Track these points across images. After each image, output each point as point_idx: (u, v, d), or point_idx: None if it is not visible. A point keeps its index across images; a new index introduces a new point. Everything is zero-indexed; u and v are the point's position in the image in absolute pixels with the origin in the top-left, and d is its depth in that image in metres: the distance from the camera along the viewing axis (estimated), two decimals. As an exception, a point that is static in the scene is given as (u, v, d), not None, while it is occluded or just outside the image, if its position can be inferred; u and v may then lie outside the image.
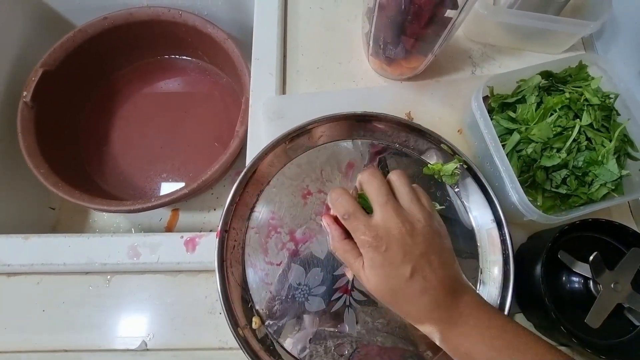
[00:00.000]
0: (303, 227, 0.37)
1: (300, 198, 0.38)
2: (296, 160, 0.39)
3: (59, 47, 0.56)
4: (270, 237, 0.36)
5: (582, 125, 0.35)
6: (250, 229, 0.37)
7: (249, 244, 0.36)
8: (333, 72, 0.44)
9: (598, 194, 0.35)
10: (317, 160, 0.39)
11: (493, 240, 0.36)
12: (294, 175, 0.38)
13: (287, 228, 0.37)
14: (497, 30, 0.44)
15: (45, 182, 0.49)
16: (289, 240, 0.36)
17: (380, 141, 0.40)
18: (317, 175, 0.38)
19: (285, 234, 0.36)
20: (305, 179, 0.38)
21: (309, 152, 0.39)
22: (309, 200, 0.38)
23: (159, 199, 0.50)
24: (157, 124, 0.66)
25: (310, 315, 0.34)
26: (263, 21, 0.45)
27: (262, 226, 0.37)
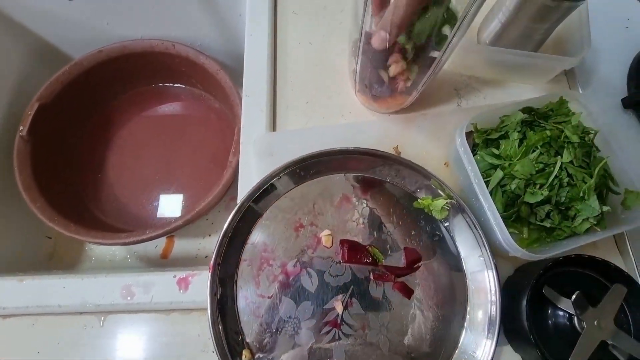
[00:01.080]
0: (294, 260, 0.37)
1: (292, 231, 0.39)
2: (290, 194, 0.40)
3: (55, 81, 0.57)
4: (262, 270, 0.37)
5: (563, 162, 0.35)
6: (242, 261, 0.37)
7: (241, 276, 0.37)
8: (322, 106, 0.45)
9: (581, 227, 0.36)
10: (310, 193, 0.40)
11: (479, 285, 0.36)
12: (287, 208, 0.39)
13: (279, 261, 0.37)
14: (480, 63, 0.45)
15: (41, 216, 0.50)
16: (280, 273, 0.37)
17: (372, 175, 0.41)
18: (309, 209, 0.39)
19: (277, 267, 0.37)
20: (298, 212, 0.39)
21: (302, 186, 0.40)
22: (301, 233, 0.38)
23: (153, 231, 0.50)
24: (152, 150, 0.67)
25: (300, 349, 0.34)
26: (253, 58, 0.46)
27: (254, 258, 0.37)
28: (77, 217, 0.53)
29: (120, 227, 0.61)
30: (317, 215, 0.39)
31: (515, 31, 0.41)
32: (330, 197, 0.40)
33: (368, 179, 0.40)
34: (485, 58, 0.43)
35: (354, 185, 0.40)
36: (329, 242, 0.38)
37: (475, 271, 0.37)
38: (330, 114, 0.45)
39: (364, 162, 0.40)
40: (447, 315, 0.36)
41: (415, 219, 0.39)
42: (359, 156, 0.40)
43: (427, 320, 0.36)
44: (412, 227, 0.39)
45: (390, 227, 0.39)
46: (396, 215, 0.39)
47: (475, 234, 0.37)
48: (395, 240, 0.39)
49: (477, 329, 0.35)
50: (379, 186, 0.40)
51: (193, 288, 0.38)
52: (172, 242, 0.63)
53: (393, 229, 0.39)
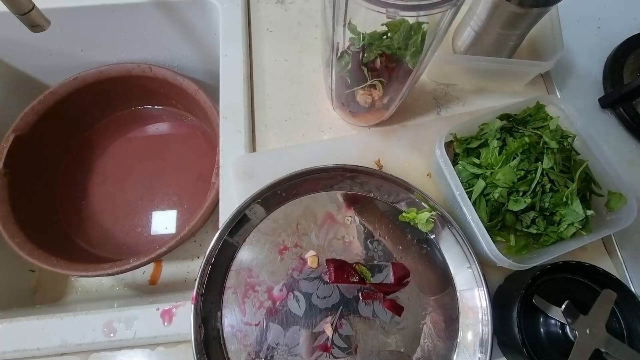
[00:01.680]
0: (280, 283, 0.36)
1: (276, 254, 0.38)
2: (272, 215, 0.39)
3: (30, 111, 0.56)
4: (247, 296, 0.36)
5: (544, 169, 0.35)
6: (227, 289, 0.36)
7: (227, 304, 0.36)
8: (301, 123, 0.45)
9: (567, 232, 0.36)
10: (293, 214, 0.39)
11: (469, 303, 0.36)
12: (270, 231, 0.38)
13: (264, 285, 0.36)
14: (457, 72, 0.45)
15: (21, 252, 0.49)
16: (266, 299, 0.36)
17: (355, 191, 0.40)
18: (293, 230, 0.39)
19: (262, 292, 0.36)
20: (282, 233, 0.38)
21: (284, 206, 0.39)
22: (286, 255, 0.38)
23: (137, 258, 0.49)
24: (135, 173, 0.65)
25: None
26: (229, 79, 0.45)
27: (239, 285, 0.36)
28: (60, 249, 0.52)
29: (105, 255, 0.60)
30: (301, 235, 0.38)
31: (488, 39, 0.41)
32: (314, 217, 0.39)
33: (351, 195, 0.40)
34: (461, 67, 0.43)
35: (337, 202, 0.39)
36: (315, 262, 0.37)
37: (464, 289, 0.36)
38: (310, 131, 0.44)
39: (346, 179, 0.40)
40: (439, 333, 0.35)
41: (401, 233, 0.39)
42: (340, 173, 0.39)
43: (418, 338, 0.35)
44: (399, 241, 0.38)
45: (377, 243, 0.38)
46: (382, 230, 0.39)
47: (463, 246, 0.37)
48: (382, 257, 0.38)
49: (469, 348, 0.35)
50: (362, 202, 0.40)
51: (177, 320, 0.36)
52: (160, 266, 0.62)
53: (379, 244, 0.38)
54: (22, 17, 0.36)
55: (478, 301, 0.35)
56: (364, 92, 0.35)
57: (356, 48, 0.36)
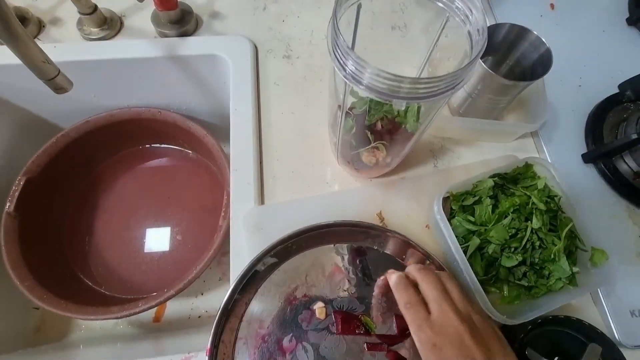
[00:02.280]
0: (290, 334, 0.38)
1: (286, 304, 0.39)
2: (283, 267, 0.41)
3: (42, 154, 0.58)
4: (258, 347, 0.38)
5: (533, 228, 0.38)
6: (239, 340, 0.38)
7: (238, 356, 0.37)
8: (307, 175, 0.47)
9: (556, 286, 0.39)
10: (302, 265, 0.41)
11: None
12: (280, 282, 0.40)
13: (274, 337, 0.38)
14: (452, 128, 0.48)
15: (30, 296, 0.50)
16: (276, 349, 0.38)
17: (360, 244, 0.42)
18: (302, 281, 0.40)
19: (272, 343, 0.38)
20: (291, 284, 0.40)
21: (294, 258, 0.41)
22: (295, 305, 0.39)
23: (145, 302, 0.51)
24: (141, 209, 0.67)
25: None
26: (239, 133, 0.48)
27: (250, 336, 0.38)
28: (67, 291, 0.53)
29: (111, 294, 0.61)
30: (309, 286, 0.40)
31: (481, 102, 0.45)
32: (322, 268, 0.41)
33: (356, 247, 0.42)
34: (457, 127, 0.46)
35: (344, 254, 0.42)
36: (323, 314, 0.39)
37: None
38: (316, 182, 0.47)
39: (351, 233, 0.42)
40: None
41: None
42: (346, 228, 0.42)
43: None
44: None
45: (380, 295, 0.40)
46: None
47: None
48: (386, 308, 0.40)
49: None
50: (367, 254, 0.42)
51: (190, 372, 0.38)
52: (164, 305, 0.63)
53: (382, 296, 0.40)
54: (48, 82, 0.39)
55: None
56: (368, 153, 0.38)
57: (359, 111, 0.39)
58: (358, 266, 0.42)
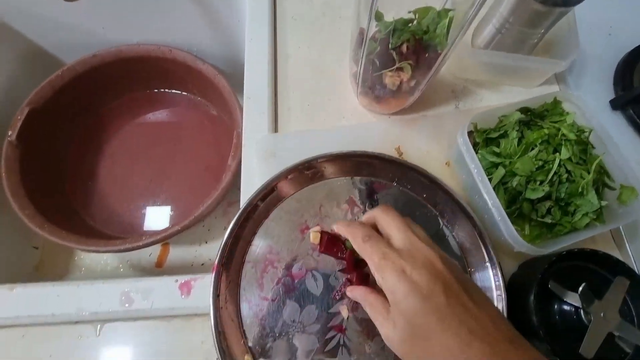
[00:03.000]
0: (300, 262, 0.37)
1: (298, 233, 0.38)
2: (296, 195, 0.39)
3: (47, 85, 0.56)
4: (266, 272, 0.36)
5: (561, 159, 0.37)
6: (247, 263, 0.37)
7: (245, 278, 0.36)
8: (323, 108, 0.45)
9: (581, 223, 0.37)
10: (317, 196, 0.39)
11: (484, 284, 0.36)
12: (293, 210, 0.39)
13: (283, 263, 0.37)
14: (476, 67, 0.46)
15: (30, 224, 0.48)
16: (285, 276, 0.36)
17: (378, 179, 0.41)
18: (315, 211, 0.39)
19: (281, 269, 0.36)
20: (304, 214, 0.39)
21: (308, 188, 0.40)
22: (307, 235, 0.38)
23: (149, 237, 0.49)
24: (145, 157, 0.65)
25: (303, 354, 0.33)
26: (254, 61, 0.46)
27: (258, 261, 0.37)
28: (67, 225, 0.51)
29: (112, 235, 0.59)
30: (323, 217, 0.39)
31: (509, 36, 0.43)
32: (337, 200, 0.39)
33: (374, 182, 0.40)
34: (482, 61, 0.44)
35: (360, 188, 0.40)
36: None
37: (479, 270, 0.37)
38: (331, 117, 0.45)
39: (371, 166, 0.40)
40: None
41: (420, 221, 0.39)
42: (365, 159, 0.40)
43: None
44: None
45: None
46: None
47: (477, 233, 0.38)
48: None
49: None
50: (385, 190, 0.40)
51: (195, 293, 0.36)
52: (167, 249, 0.61)
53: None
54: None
55: (492, 282, 0.36)
56: (392, 74, 0.36)
57: (383, 35, 0.37)
58: (375, 202, 0.40)
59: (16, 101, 0.54)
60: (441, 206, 0.39)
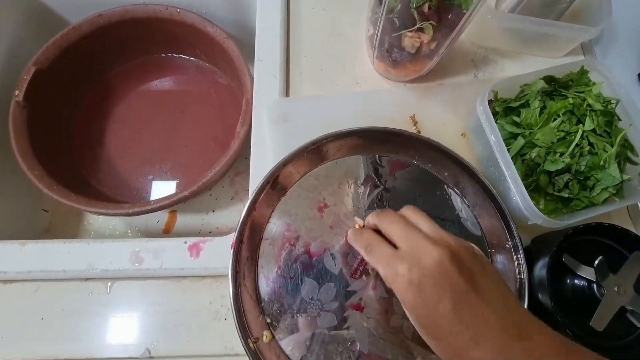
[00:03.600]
0: (318, 240, 0.36)
1: (316, 211, 0.37)
2: (314, 172, 0.38)
3: (52, 45, 0.54)
4: (284, 250, 0.35)
5: (584, 130, 0.35)
6: (264, 240, 0.36)
7: (263, 255, 0.35)
8: (336, 74, 0.44)
9: (599, 197, 0.36)
10: (335, 173, 0.38)
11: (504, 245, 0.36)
12: (311, 188, 0.37)
13: (301, 241, 0.36)
14: (498, 34, 0.44)
15: (39, 185, 0.48)
16: (303, 254, 0.35)
17: (398, 156, 0.39)
18: (334, 189, 0.38)
19: (299, 247, 0.36)
20: (322, 191, 0.37)
21: (326, 165, 0.38)
22: (325, 213, 0.37)
23: (158, 201, 0.49)
24: (153, 124, 0.64)
25: (321, 331, 0.33)
26: (266, 23, 0.44)
27: (276, 238, 0.36)
28: (76, 188, 0.51)
29: (120, 200, 0.59)
30: (342, 196, 0.38)
31: (538, 2, 0.40)
32: (355, 178, 0.38)
33: (394, 160, 0.39)
34: (506, 27, 0.42)
35: (380, 166, 0.39)
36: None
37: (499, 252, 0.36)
38: (345, 83, 0.44)
39: (391, 143, 0.39)
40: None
41: (433, 197, 0.38)
42: (386, 136, 0.39)
43: None
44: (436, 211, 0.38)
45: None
46: (422, 198, 0.38)
47: (494, 202, 0.37)
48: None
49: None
50: (405, 168, 0.39)
51: (205, 254, 0.36)
52: (175, 217, 0.62)
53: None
54: None
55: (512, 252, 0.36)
56: (412, 35, 0.34)
57: (404, -5, 0.35)
58: (395, 180, 0.39)
59: (23, 60, 0.53)
60: (462, 186, 0.38)
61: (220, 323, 0.36)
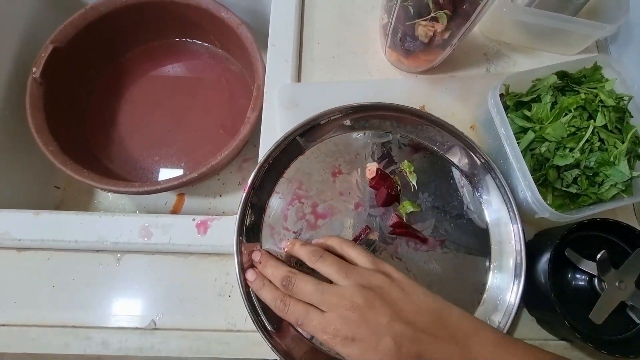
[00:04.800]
0: (326, 203, 0.37)
1: (330, 175, 0.38)
2: (335, 139, 0.39)
3: (70, 24, 0.55)
4: (292, 205, 0.37)
5: (595, 126, 0.35)
6: (275, 193, 0.37)
7: (272, 205, 0.37)
8: (348, 62, 0.44)
9: (608, 194, 0.36)
10: (356, 143, 0.39)
11: (508, 235, 0.36)
12: (330, 152, 0.39)
13: (310, 201, 0.37)
14: (512, 28, 0.44)
15: (54, 160, 0.49)
16: (310, 212, 0.37)
17: (421, 140, 0.40)
18: (351, 158, 0.39)
19: (307, 206, 0.37)
20: (339, 158, 0.38)
21: (349, 135, 0.39)
22: (338, 179, 0.38)
23: (167, 182, 0.50)
24: (164, 107, 0.65)
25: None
26: (280, 8, 0.44)
27: (287, 193, 0.37)
28: (89, 165, 0.52)
29: (128, 179, 0.60)
30: (358, 166, 0.38)
31: (554, -4, 0.40)
32: (373, 153, 0.39)
33: (416, 143, 0.40)
34: (520, 21, 0.42)
35: (401, 146, 0.39)
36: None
37: (504, 223, 0.37)
38: (357, 71, 0.44)
39: (415, 125, 0.40)
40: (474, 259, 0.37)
41: (443, 179, 0.39)
42: (413, 117, 0.39)
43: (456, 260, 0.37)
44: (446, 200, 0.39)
45: (427, 195, 0.38)
46: (435, 184, 0.39)
47: (503, 193, 0.37)
48: (428, 208, 0.38)
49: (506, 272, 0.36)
50: (424, 152, 0.40)
51: (212, 232, 0.37)
52: (182, 200, 0.63)
53: (428, 196, 0.38)
54: None
55: (512, 235, 0.37)
56: (426, 24, 0.35)
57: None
58: (413, 161, 0.39)
59: (40, 39, 0.54)
60: (478, 179, 0.39)
61: (224, 299, 0.36)
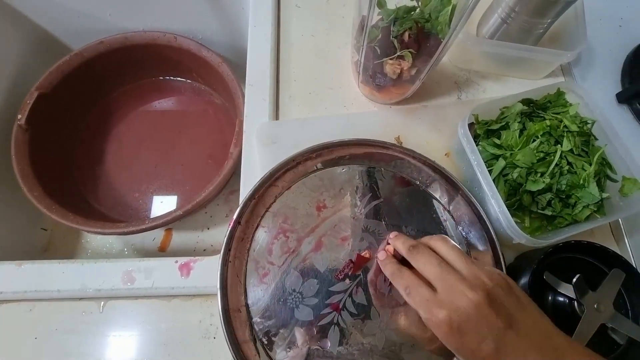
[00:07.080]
0: (310, 237, 0.37)
1: (314, 210, 0.38)
2: (319, 173, 0.40)
3: (55, 70, 0.57)
4: (277, 239, 0.37)
5: (563, 151, 0.36)
6: (261, 227, 0.37)
7: (256, 240, 0.37)
8: (325, 97, 0.46)
9: (582, 215, 0.37)
10: (339, 178, 0.40)
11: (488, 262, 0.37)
12: (314, 187, 0.39)
13: (295, 235, 0.37)
14: (480, 57, 0.46)
15: (39, 205, 0.49)
16: (295, 247, 0.37)
17: (403, 174, 0.40)
18: (335, 192, 0.39)
19: (292, 240, 0.37)
20: (324, 192, 0.39)
21: (332, 169, 0.40)
22: (322, 213, 0.38)
23: (152, 220, 0.50)
24: (151, 143, 0.66)
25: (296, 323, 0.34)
26: (257, 49, 0.46)
27: (272, 227, 0.37)
28: (75, 207, 0.53)
29: (117, 219, 0.60)
30: (341, 200, 0.39)
31: (515, 26, 0.42)
32: (355, 187, 0.39)
33: (398, 177, 0.40)
34: (486, 51, 0.44)
35: (383, 179, 0.40)
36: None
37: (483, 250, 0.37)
38: (333, 105, 0.45)
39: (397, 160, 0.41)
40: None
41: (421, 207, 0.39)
42: (394, 153, 0.40)
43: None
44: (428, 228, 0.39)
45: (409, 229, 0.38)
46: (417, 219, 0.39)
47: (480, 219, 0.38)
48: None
49: None
50: (407, 187, 0.40)
51: (195, 274, 0.37)
52: (170, 234, 0.63)
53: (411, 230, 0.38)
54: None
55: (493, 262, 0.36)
56: (393, 62, 0.36)
57: (385, 23, 0.37)
58: (395, 195, 0.40)
59: (26, 85, 0.55)
60: (459, 214, 0.39)
61: (209, 342, 0.36)
